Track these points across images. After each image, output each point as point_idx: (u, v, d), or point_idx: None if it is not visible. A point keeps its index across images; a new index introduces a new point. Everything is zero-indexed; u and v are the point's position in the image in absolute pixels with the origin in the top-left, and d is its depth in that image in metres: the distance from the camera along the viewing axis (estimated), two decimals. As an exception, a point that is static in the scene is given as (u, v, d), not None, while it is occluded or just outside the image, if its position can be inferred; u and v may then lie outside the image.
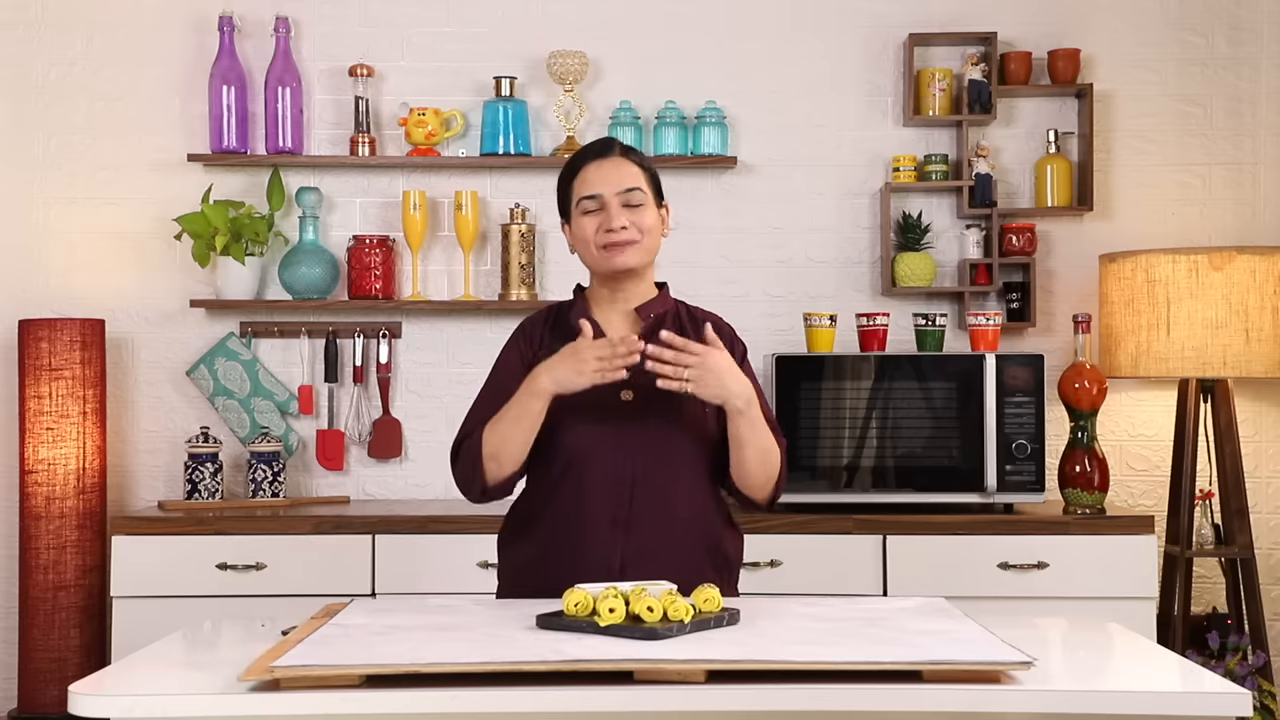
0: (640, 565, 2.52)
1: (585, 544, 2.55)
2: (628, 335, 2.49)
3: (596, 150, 2.65)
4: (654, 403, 2.56)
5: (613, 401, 2.56)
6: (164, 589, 3.78)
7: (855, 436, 3.90)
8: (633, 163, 2.63)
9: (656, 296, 2.69)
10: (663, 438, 2.57)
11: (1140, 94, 4.35)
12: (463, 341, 4.35)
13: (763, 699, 1.93)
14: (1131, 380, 4.23)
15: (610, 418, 2.56)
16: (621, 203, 2.59)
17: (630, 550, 2.54)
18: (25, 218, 4.33)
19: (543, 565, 2.57)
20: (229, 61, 4.24)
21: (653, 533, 2.55)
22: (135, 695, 1.98)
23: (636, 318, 2.66)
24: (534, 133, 4.31)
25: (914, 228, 4.26)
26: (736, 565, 2.72)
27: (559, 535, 2.58)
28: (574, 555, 2.54)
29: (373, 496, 4.34)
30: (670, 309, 2.69)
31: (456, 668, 1.95)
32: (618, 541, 2.54)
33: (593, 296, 2.69)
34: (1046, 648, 2.35)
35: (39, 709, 3.96)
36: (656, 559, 2.53)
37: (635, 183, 2.60)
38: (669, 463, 2.58)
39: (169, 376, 4.33)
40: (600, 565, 2.52)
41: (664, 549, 2.55)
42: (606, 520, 2.55)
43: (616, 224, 2.57)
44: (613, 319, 2.66)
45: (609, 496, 2.55)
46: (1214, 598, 4.23)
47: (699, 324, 2.69)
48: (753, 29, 4.36)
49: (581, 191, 2.61)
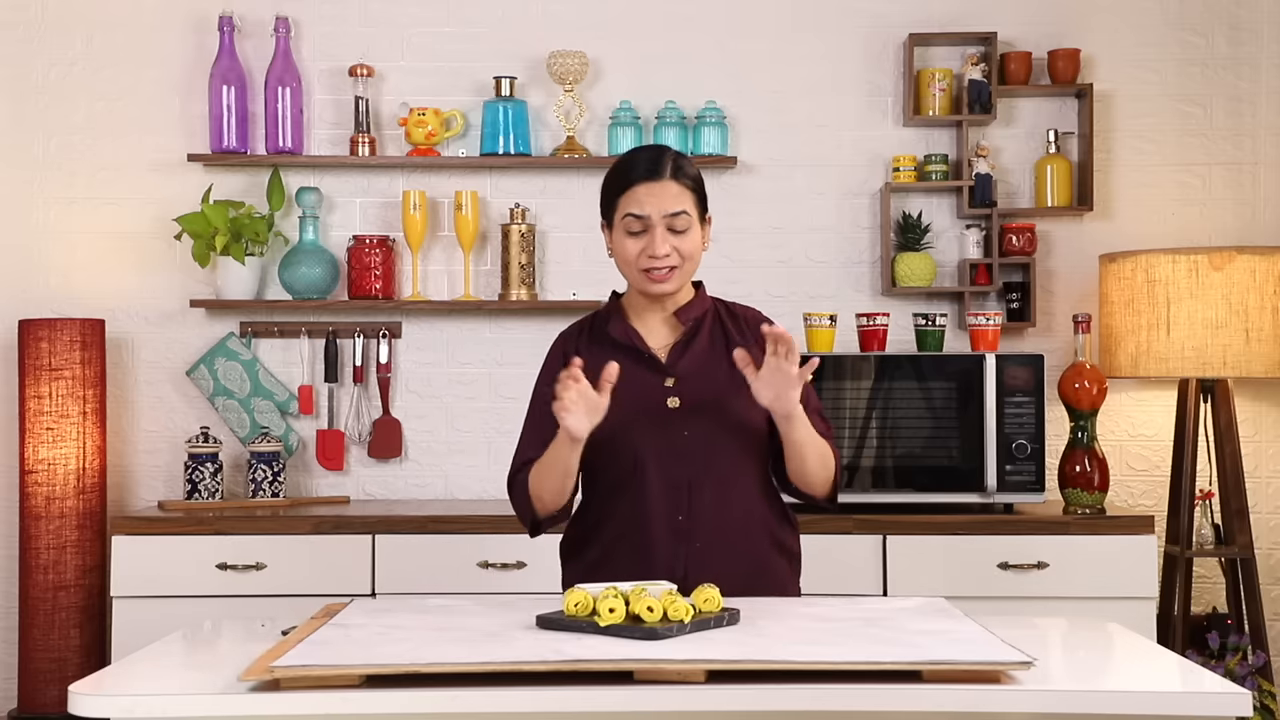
0: (703, 570, 2.49)
1: (648, 552, 2.54)
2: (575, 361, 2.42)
3: (648, 167, 2.57)
4: (700, 407, 2.55)
5: (660, 409, 2.55)
6: (164, 589, 3.78)
7: (855, 436, 3.90)
8: (682, 184, 2.57)
9: (694, 298, 2.66)
10: (713, 441, 2.55)
11: (1140, 94, 4.35)
12: (463, 341, 4.35)
13: (763, 699, 1.93)
14: (1131, 380, 4.24)
15: (659, 425, 2.55)
16: (667, 226, 2.55)
17: (694, 556, 2.53)
18: (25, 218, 4.33)
19: (611, 574, 2.53)
20: (229, 61, 4.24)
21: (713, 537, 2.55)
22: (135, 695, 1.98)
23: (676, 322, 2.63)
24: (534, 133, 4.31)
25: (914, 228, 4.26)
26: (798, 558, 2.71)
27: (622, 545, 2.57)
28: (638, 564, 2.53)
29: (373, 496, 4.34)
30: (709, 308, 2.67)
31: (456, 668, 1.95)
32: (680, 548, 2.54)
33: (629, 304, 2.66)
34: (1046, 648, 2.35)
35: (39, 709, 3.96)
36: (719, 562, 2.52)
37: (682, 206, 2.55)
38: (722, 465, 2.56)
39: (169, 376, 4.33)
40: (664, 573, 2.51)
41: (724, 552, 2.55)
42: (667, 528, 2.54)
43: (660, 251, 2.54)
44: (652, 325, 2.64)
45: (667, 504, 2.54)
46: (1214, 598, 4.23)
47: (738, 319, 2.67)
48: (753, 29, 4.36)
49: (627, 209, 2.56)
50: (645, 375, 2.58)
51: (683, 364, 2.59)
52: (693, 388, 2.56)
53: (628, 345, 2.61)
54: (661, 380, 2.58)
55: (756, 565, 2.59)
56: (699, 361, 2.60)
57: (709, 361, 2.60)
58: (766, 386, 2.44)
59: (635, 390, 2.55)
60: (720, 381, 2.56)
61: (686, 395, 2.56)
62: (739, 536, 2.58)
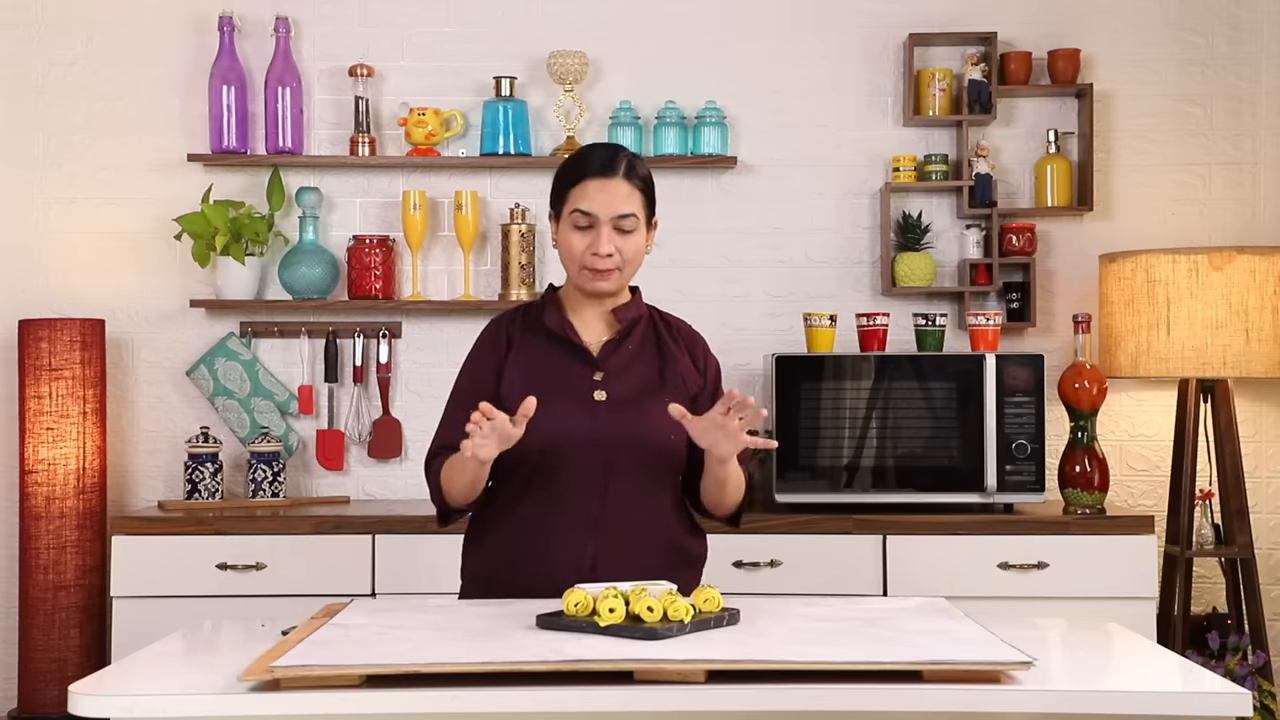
0: (611, 563, 2.53)
1: (559, 541, 2.56)
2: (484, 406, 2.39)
3: (601, 164, 2.60)
4: (625, 405, 2.58)
5: (586, 400, 2.58)
6: (164, 589, 3.78)
7: (855, 436, 3.90)
8: (633, 184, 2.60)
9: (630, 301, 2.69)
10: (633, 439, 2.58)
11: (1140, 94, 4.35)
12: (463, 341, 4.30)
13: (763, 699, 1.93)
14: (1131, 380, 4.23)
15: (583, 415, 2.57)
16: (614, 226, 2.58)
17: (602, 548, 2.55)
18: (25, 218, 4.33)
19: (514, 563, 2.58)
20: (229, 61, 4.24)
21: (623, 531, 2.57)
22: (135, 695, 1.98)
23: (611, 319, 2.67)
24: (534, 133, 4.31)
25: (914, 228, 4.26)
26: (700, 564, 2.73)
27: (532, 531, 2.59)
28: (547, 552, 2.55)
29: (373, 496, 4.34)
30: (644, 314, 2.70)
31: (456, 668, 1.95)
32: (589, 539, 2.56)
33: (566, 298, 2.70)
34: (1046, 648, 2.35)
35: (39, 709, 3.96)
36: (625, 557, 2.55)
37: (631, 208, 2.59)
38: (638, 463, 2.59)
39: (169, 376, 4.33)
40: (572, 563, 2.53)
41: (632, 547, 2.57)
42: (581, 518, 2.56)
43: (604, 250, 2.57)
44: (587, 320, 2.67)
45: (583, 494, 2.56)
46: (1214, 598, 4.23)
47: (671, 329, 2.72)
48: (753, 29, 4.36)
49: (577, 203, 2.59)
50: (575, 366, 2.62)
51: (613, 360, 2.63)
52: (620, 384, 2.60)
53: (561, 336, 2.64)
54: (591, 373, 2.61)
55: (661, 564, 2.59)
56: (629, 360, 2.64)
57: (639, 362, 2.64)
58: (705, 434, 2.46)
59: (563, 379, 2.60)
60: (647, 386, 2.60)
61: (613, 390, 2.59)
62: (646, 534, 2.60)
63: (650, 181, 2.66)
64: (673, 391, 2.61)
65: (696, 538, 2.72)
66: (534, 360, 2.63)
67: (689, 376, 2.65)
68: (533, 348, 2.64)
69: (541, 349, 2.64)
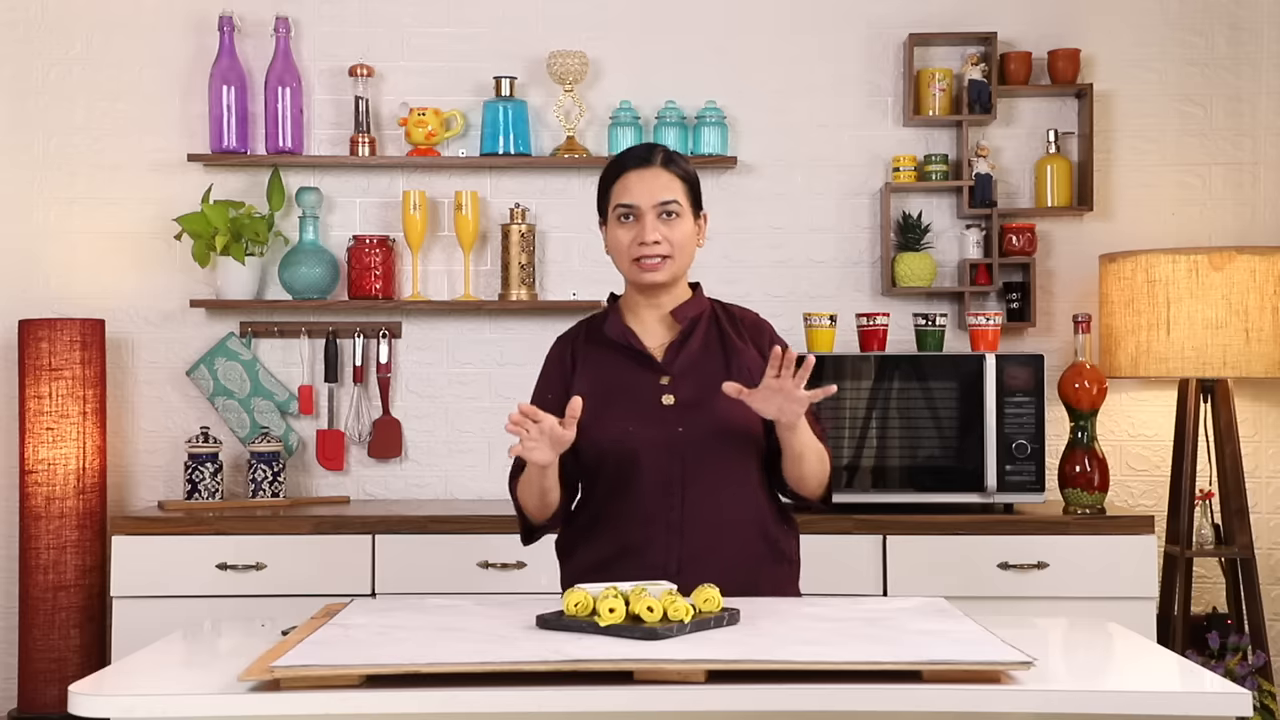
0: (696, 567, 2.50)
1: (643, 548, 2.55)
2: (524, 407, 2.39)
3: (639, 157, 2.62)
4: (695, 406, 2.56)
5: (654, 406, 2.57)
6: (164, 589, 3.78)
7: (855, 436, 3.90)
8: (673, 173, 2.61)
9: (691, 299, 2.68)
10: (707, 439, 2.56)
11: (1140, 94, 4.35)
12: (463, 341, 4.35)
13: (763, 699, 1.93)
14: (1131, 380, 4.24)
15: (654, 422, 2.56)
16: (657, 214, 2.58)
17: (686, 552, 2.54)
18: (25, 218, 4.33)
19: (607, 571, 2.54)
20: (229, 61, 4.24)
21: (705, 534, 2.55)
22: (135, 695, 1.98)
23: (672, 321, 2.65)
24: (534, 133, 4.31)
25: (914, 228, 4.26)
26: (796, 562, 2.71)
27: (618, 540, 2.58)
28: (635, 559, 2.54)
29: (373, 496, 4.34)
30: (705, 310, 2.68)
31: (456, 668, 1.95)
32: (673, 544, 2.54)
33: (627, 304, 2.68)
34: (1046, 648, 2.36)
35: (39, 709, 3.96)
36: (712, 560, 2.53)
37: (673, 194, 2.59)
38: (715, 464, 2.57)
39: (169, 376, 4.33)
40: (658, 569, 2.52)
41: (718, 549, 2.55)
42: (660, 524, 2.55)
43: (650, 237, 2.56)
44: (648, 324, 2.66)
45: (659, 500, 2.55)
46: (1214, 598, 4.23)
47: (735, 320, 2.69)
48: (753, 29, 4.36)
49: (619, 199, 2.60)
50: (640, 373, 2.60)
51: (678, 363, 2.61)
52: (688, 386, 2.58)
53: (623, 344, 2.62)
54: (657, 378, 2.59)
55: (752, 565, 2.59)
56: (694, 360, 2.61)
57: (704, 361, 2.62)
58: (767, 403, 2.45)
59: (630, 387, 2.58)
60: (715, 382, 2.56)
61: (681, 393, 2.58)
62: (733, 535, 2.58)
63: (692, 174, 2.65)
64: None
65: (787, 532, 2.68)
66: (600, 372, 2.62)
67: (756, 368, 2.58)
68: (597, 360, 2.63)
69: (606, 360, 2.63)
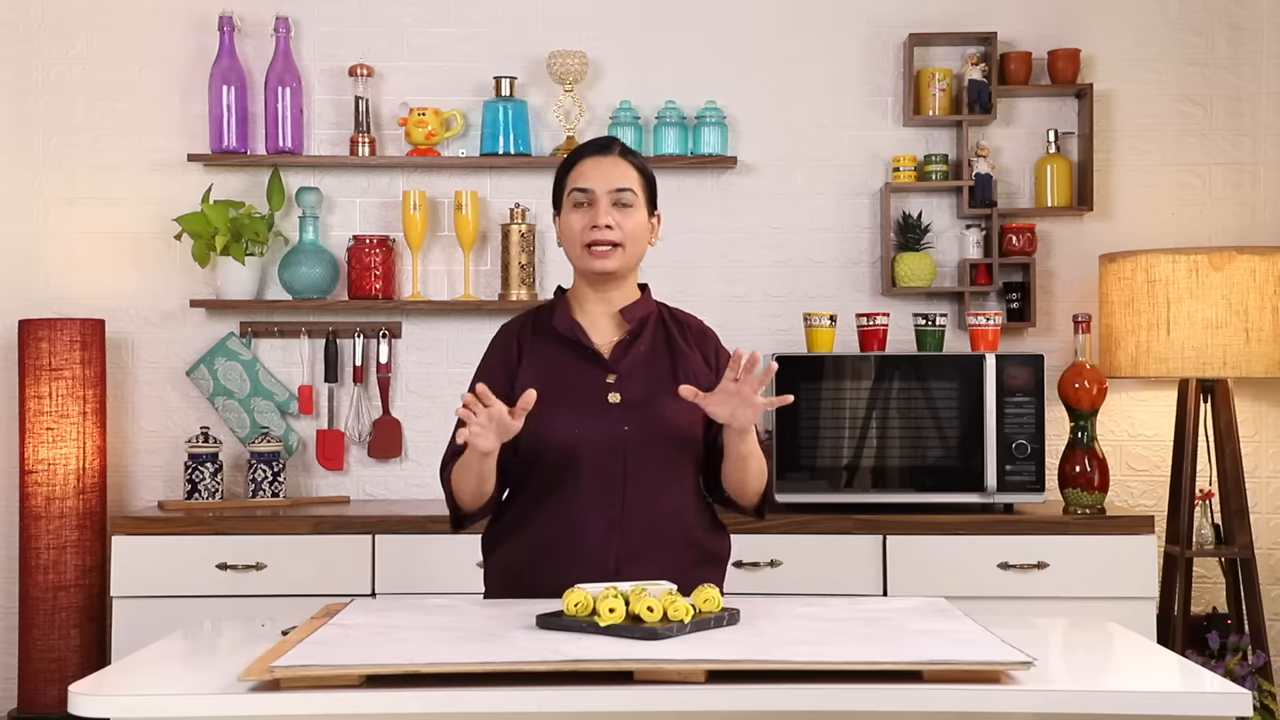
0: (635, 565, 2.52)
1: (580, 544, 2.55)
2: (480, 389, 2.40)
3: (597, 146, 2.66)
4: (640, 405, 2.57)
5: (600, 404, 2.57)
6: (164, 589, 3.78)
7: (855, 436, 3.90)
8: (630, 164, 2.63)
9: (640, 299, 2.69)
10: (650, 440, 2.57)
11: (1140, 94, 4.35)
12: (463, 341, 4.35)
13: (763, 699, 1.93)
14: (1131, 380, 4.23)
15: (599, 419, 2.56)
16: (611, 201, 2.59)
17: (625, 550, 2.54)
18: (25, 218, 4.33)
19: (536, 566, 2.56)
20: (229, 61, 4.24)
21: (644, 532, 2.56)
22: (135, 695, 1.98)
23: (620, 320, 2.66)
24: (534, 133, 4.31)
25: (914, 228, 4.26)
26: (725, 563, 2.72)
27: (552, 536, 2.57)
28: (570, 556, 2.54)
29: (373, 496, 4.34)
30: (653, 311, 2.70)
31: (456, 668, 1.95)
32: (613, 542, 2.55)
33: (575, 298, 2.69)
34: (1046, 648, 2.36)
35: (39, 709, 3.96)
36: (649, 559, 2.54)
37: (628, 183, 2.61)
38: (656, 464, 2.58)
39: (169, 376, 4.33)
40: (596, 566, 2.52)
41: (655, 548, 2.56)
42: (601, 521, 2.55)
43: (602, 222, 2.57)
44: (596, 321, 2.66)
45: (601, 497, 2.55)
46: (1214, 598, 4.23)
47: (683, 326, 2.71)
48: (753, 29, 4.36)
49: (574, 183, 2.61)
50: (587, 369, 2.61)
51: (625, 362, 2.62)
52: (634, 385, 2.59)
53: (571, 339, 2.63)
54: (603, 376, 2.60)
55: (686, 565, 2.58)
56: (642, 361, 2.63)
57: (651, 362, 2.63)
58: (722, 406, 2.46)
59: (576, 383, 2.59)
60: (662, 383, 2.58)
61: (628, 392, 2.58)
62: (670, 535, 2.59)
63: (648, 171, 2.67)
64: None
65: (719, 535, 2.71)
66: (546, 365, 2.62)
67: (701, 374, 2.63)
68: (544, 353, 2.63)
69: (552, 353, 2.63)
